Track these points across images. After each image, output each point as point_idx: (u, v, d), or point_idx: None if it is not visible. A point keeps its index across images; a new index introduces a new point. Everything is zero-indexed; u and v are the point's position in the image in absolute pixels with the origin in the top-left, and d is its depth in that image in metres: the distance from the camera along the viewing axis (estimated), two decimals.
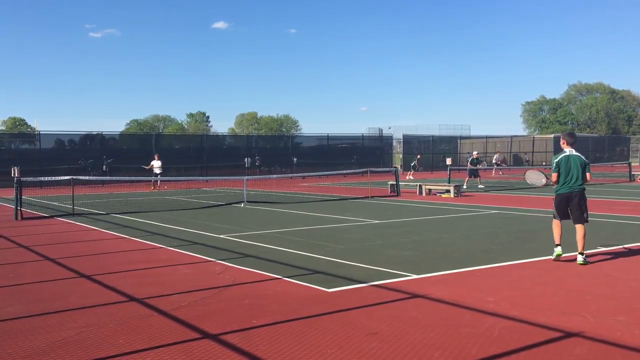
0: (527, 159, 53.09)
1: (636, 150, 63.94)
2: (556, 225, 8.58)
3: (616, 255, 8.88)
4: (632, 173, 29.97)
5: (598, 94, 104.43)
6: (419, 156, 38.26)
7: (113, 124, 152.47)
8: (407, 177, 33.46)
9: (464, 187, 24.51)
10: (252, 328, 5.36)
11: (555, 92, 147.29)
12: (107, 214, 16.45)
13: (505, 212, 15.34)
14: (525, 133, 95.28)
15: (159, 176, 27.14)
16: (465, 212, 15.56)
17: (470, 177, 25.67)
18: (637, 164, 48.50)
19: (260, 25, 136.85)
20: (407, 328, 5.27)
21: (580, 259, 8.16)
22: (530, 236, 10.94)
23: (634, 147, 67.30)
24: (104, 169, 34.35)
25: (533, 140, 57.52)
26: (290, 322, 5.52)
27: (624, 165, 35.62)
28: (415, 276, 7.47)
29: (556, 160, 8.54)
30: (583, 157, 8.60)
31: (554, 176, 8.56)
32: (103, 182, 30.66)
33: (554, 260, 8.38)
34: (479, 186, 24.77)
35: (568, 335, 5.01)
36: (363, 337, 5.02)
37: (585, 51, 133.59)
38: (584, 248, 8.26)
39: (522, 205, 17.09)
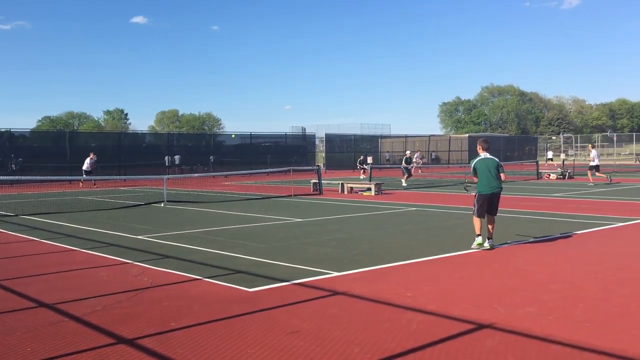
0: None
1: (543, 150, 67.66)
2: (477, 220, 9.34)
3: (526, 249, 9.35)
4: (540, 171, 31.69)
5: (509, 96, 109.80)
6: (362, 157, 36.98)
7: (23, 120, 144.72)
8: (362, 177, 30.73)
9: (404, 184, 25.08)
10: (171, 331, 5.23)
11: (470, 93, 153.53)
12: (16, 215, 15.56)
13: (424, 209, 15.80)
14: (442, 132, 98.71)
15: (85, 175, 26.86)
16: (386, 209, 15.90)
17: (406, 175, 26.35)
18: (544, 162, 51.32)
19: (182, 21, 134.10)
20: (328, 325, 5.31)
21: (488, 244, 9.22)
22: (447, 232, 11.33)
23: (541, 146, 71.21)
24: (13, 168, 32.48)
25: (449, 140, 59.68)
26: (210, 324, 5.43)
27: (532, 163, 37.63)
28: (336, 274, 7.54)
29: (473, 164, 9.56)
30: (496, 160, 9.58)
31: (475, 178, 9.54)
32: (12, 182, 28.99)
33: (476, 249, 9.14)
34: (404, 184, 25.42)
35: (480, 327, 5.22)
36: (285, 336, 5.01)
37: (497, 54, 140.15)
38: (492, 236, 9.43)
39: (440, 202, 17.67)
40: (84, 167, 28.06)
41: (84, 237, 11.25)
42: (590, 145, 28.89)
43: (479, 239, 9.22)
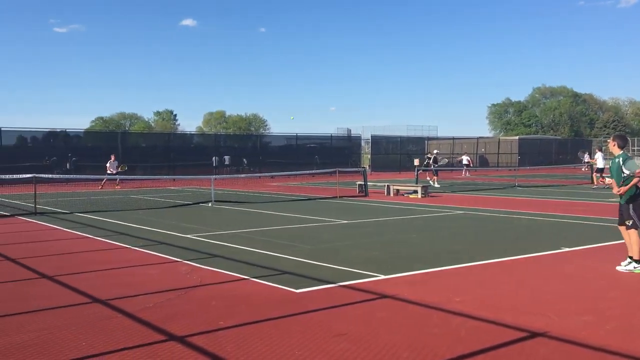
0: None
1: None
2: (636, 234, 7.65)
3: (581, 255, 9.05)
4: (593, 175, 30.67)
5: (561, 97, 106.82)
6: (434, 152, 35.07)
7: (78, 121, 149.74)
8: (435, 184, 27.43)
9: (436, 185, 24.81)
10: (219, 329, 5.28)
11: (520, 94, 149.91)
12: (71, 212, 16.08)
13: (471, 212, 15.53)
14: (491, 135, 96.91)
15: (112, 176, 26.59)
16: (433, 212, 15.69)
17: (435, 175, 26.13)
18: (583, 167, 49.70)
19: (230, 23, 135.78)
20: (375, 329, 5.26)
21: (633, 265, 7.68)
22: (496, 236, 11.09)
23: (595, 149, 68.95)
24: (68, 167, 33.60)
25: (498, 142, 58.48)
26: (257, 324, 5.46)
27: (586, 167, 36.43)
28: (383, 276, 7.48)
29: (638, 164, 7.77)
30: None
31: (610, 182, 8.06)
32: (67, 181, 29.98)
33: (627, 270, 7.68)
34: (436, 185, 25.16)
35: (533, 335, 5.07)
36: (331, 339, 4.99)
37: (549, 55, 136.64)
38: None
39: (487, 206, 17.33)
40: (109, 171, 27.24)
41: (135, 235, 11.52)
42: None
43: (638, 268, 7.55)
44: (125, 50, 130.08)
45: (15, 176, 19.60)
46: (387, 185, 22.65)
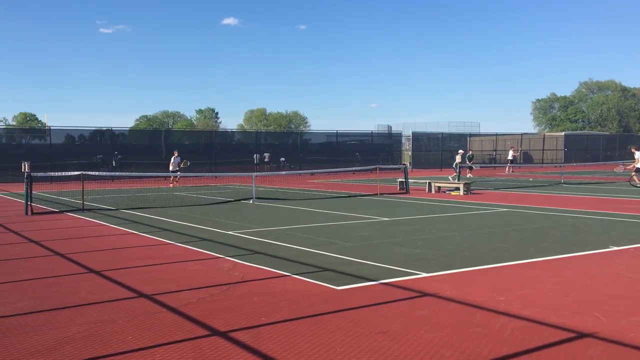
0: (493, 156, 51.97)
1: None
2: None
3: (629, 254, 8.77)
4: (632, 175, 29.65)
5: (609, 92, 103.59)
6: (469, 152, 37.21)
7: (123, 119, 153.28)
8: (509, 171, 37.20)
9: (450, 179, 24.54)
10: (261, 325, 5.33)
11: (566, 89, 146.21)
12: (117, 209, 16.49)
13: (515, 210, 15.23)
14: (535, 131, 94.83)
15: (174, 173, 27.46)
16: (475, 210, 15.46)
17: (466, 172, 26.19)
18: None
19: (270, 21, 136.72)
20: (417, 327, 5.22)
21: None
22: (541, 235, 10.85)
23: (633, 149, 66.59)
24: (113, 165, 34.47)
25: (543, 138, 57.16)
26: (299, 320, 5.49)
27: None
28: (425, 274, 7.41)
29: None
30: None
31: None
32: (113, 178, 30.78)
33: None
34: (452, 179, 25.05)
35: (581, 335, 4.94)
36: (373, 336, 4.98)
37: (596, 48, 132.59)
38: None
39: (532, 203, 16.97)
40: (172, 168, 28.09)
41: (178, 231, 11.74)
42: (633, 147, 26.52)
43: None
44: (168, 49, 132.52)
45: (64, 173, 20.21)
46: (429, 183, 22.42)
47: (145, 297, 6.45)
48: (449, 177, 26.01)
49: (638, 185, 23.59)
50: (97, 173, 23.21)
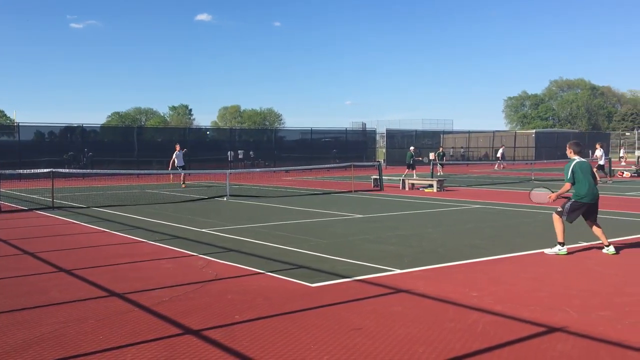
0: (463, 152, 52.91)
1: (616, 146, 64.67)
2: (562, 225, 8.66)
3: (598, 250, 8.94)
4: (612, 168, 30.32)
5: (579, 90, 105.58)
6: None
7: (94, 116, 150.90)
8: (499, 167, 39.50)
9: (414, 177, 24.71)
10: (235, 323, 5.30)
11: (537, 87, 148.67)
12: (88, 207, 16.23)
13: (488, 206, 15.42)
14: (507, 128, 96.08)
15: (177, 171, 24.74)
16: (448, 206, 15.61)
17: (413, 170, 26.43)
18: (617, 159, 49.09)
19: (245, 17, 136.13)
20: (391, 323, 5.24)
21: (612, 249, 8.54)
22: (513, 231, 11.00)
23: (614, 142, 68.10)
24: (84, 162, 33.92)
25: (515, 136, 57.97)
26: (273, 318, 5.47)
27: (605, 161, 35.97)
28: (399, 271, 7.45)
29: (571, 168, 8.63)
30: (588, 162, 8.90)
31: (568, 185, 8.65)
32: (84, 175, 30.27)
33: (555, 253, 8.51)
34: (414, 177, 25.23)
35: (551, 330, 5.02)
36: (347, 333, 4.99)
37: (566, 47, 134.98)
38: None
39: (504, 200, 17.19)
40: (177, 163, 24.86)
41: (151, 229, 11.60)
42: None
43: (562, 250, 8.46)
44: (140, 45, 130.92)
45: (33, 171, 19.81)
46: (402, 180, 22.56)
47: (117, 295, 6.36)
48: (414, 175, 26.14)
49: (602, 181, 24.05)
50: (67, 170, 22.82)
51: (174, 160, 25.10)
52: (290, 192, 21.57)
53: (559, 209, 8.71)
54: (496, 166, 40.76)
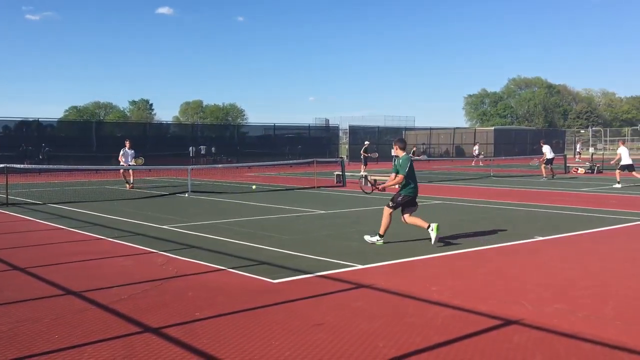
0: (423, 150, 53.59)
1: (571, 143, 66.49)
2: (390, 216, 9.12)
3: (552, 245, 9.19)
4: (567, 165, 31.18)
5: (536, 88, 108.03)
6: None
7: (51, 110, 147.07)
8: (476, 164, 38.84)
9: (363, 174, 24.85)
10: (196, 321, 5.25)
11: (496, 85, 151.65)
12: (44, 204, 15.82)
13: (448, 202, 15.65)
14: (467, 125, 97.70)
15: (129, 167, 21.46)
16: None
17: (363, 166, 26.65)
18: (572, 156, 50.54)
19: (207, 11, 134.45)
20: (352, 318, 5.28)
21: (434, 226, 8.87)
22: (472, 226, 11.19)
23: (569, 140, 70.00)
24: (40, 157, 33.03)
25: (475, 133, 58.99)
26: (235, 314, 5.44)
27: (559, 157, 37.01)
28: (360, 266, 7.50)
29: (409, 163, 9.15)
30: None
31: (401, 178, 9.09)
32: (40, 171, 29.47)
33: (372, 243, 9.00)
34: (362, 174, 25.46)
35: (507, 323, 5.13)
36: (309, 328, 5.00)
37: (524, 47, 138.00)
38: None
39: (463, 195, 17.49)
40: (122, 162, 21.56)
41: (110, 226, 11.38)
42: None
43: (380, 241, 8.99)
44: (99, 37, 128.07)
45: None
46: (365, 176, 22.69)
47: (74, 294, 6.22)
48: (361, 171, 26.32)
49: (545, 177, 24.77)
50: (22, 166, 22.15)
51: (121, 158, 21.61)
52: (252, 188, 21.45)
53: (391, 203, 9.19)
54: (473, 162, 41.24)
